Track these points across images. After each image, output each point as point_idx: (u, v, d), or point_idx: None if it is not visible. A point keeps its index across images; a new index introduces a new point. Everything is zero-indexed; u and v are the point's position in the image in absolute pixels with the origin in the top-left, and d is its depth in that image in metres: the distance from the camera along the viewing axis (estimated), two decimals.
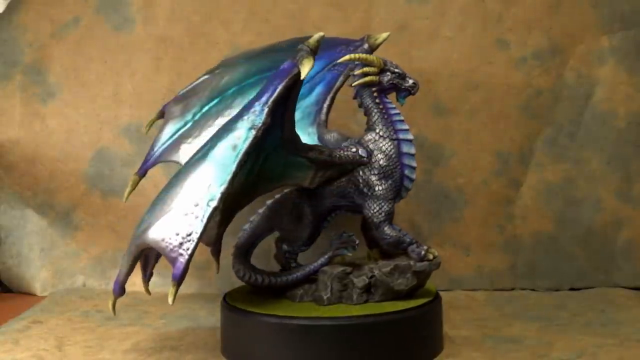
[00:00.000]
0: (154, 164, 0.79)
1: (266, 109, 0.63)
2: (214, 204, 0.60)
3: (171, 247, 0.60)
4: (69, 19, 0.99)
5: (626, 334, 0.76)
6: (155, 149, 0.78)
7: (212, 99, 0.78)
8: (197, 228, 0.60)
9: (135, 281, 1.00)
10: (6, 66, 1.00)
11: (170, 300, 0.60)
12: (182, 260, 0.59)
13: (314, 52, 0.64)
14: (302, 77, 0.63)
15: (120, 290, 0.66)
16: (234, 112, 0.70)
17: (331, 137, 0.77)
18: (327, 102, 0.79)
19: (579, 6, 0.96)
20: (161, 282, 1.00)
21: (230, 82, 0.78)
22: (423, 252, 0.72)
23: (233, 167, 0.61)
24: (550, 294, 0.93)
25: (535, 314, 0.85)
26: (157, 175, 0.92)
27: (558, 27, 0.96)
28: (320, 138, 0.78)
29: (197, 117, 0.77)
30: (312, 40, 0.65)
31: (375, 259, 0.74)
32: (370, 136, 0.73)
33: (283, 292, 0.74)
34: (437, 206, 0.97)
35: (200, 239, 0.60)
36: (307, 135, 0.78)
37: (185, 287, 0.96)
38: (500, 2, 0.96)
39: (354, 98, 0.74)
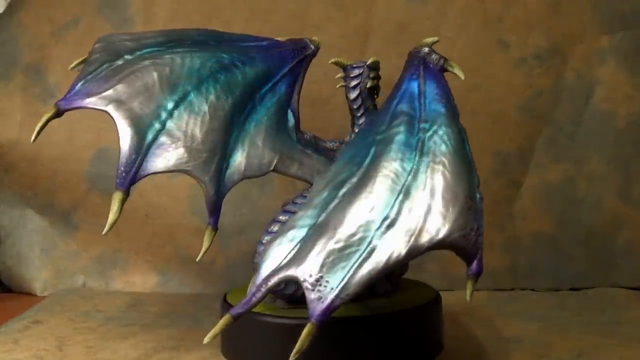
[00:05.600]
0: (141, 178, 0.70)
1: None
2: (481, 195, 0.61)
3: (472, 242, 0.60)
4: (69, 19, 0.99)
5: (626, 334, 0.76)
6: (136, 161, 0.70)
7: (185, 93, 0.72)
8: (481, 221, 0.60)
9: (135, 281, 1.01)
10: (6, 66, 1.00)
11: (468, 297, 0.60)
12: (481, 255, 0.60)
13: None
14: (463, 78, 0.71)
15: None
16: (227, 102, 0.70)
17: (309, 137, 0.77)
18: (296, 104, 0.79)
19: (579, 6, 0.96)
20: (162, 281, 1.00)
21: (185, 74, 0.72)
22: None
23: (470, 159, 0.64)
24: (550, 294, 0.93)
25: (535, 314, 0.85)
26: (157, 176, 0.92)
27: (558, 27, 0.96)
28: (299, 139, 0.78)
29: (174, 116, 0.69)
30: (429, 43, 0.71)
31: None
32: None
33: None
34: None
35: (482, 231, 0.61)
36: (287, 136, 0.77)
37: (187, 287, 0.97)
38: (500, 3, 0.96)
39: (353, 100, 0.75)
